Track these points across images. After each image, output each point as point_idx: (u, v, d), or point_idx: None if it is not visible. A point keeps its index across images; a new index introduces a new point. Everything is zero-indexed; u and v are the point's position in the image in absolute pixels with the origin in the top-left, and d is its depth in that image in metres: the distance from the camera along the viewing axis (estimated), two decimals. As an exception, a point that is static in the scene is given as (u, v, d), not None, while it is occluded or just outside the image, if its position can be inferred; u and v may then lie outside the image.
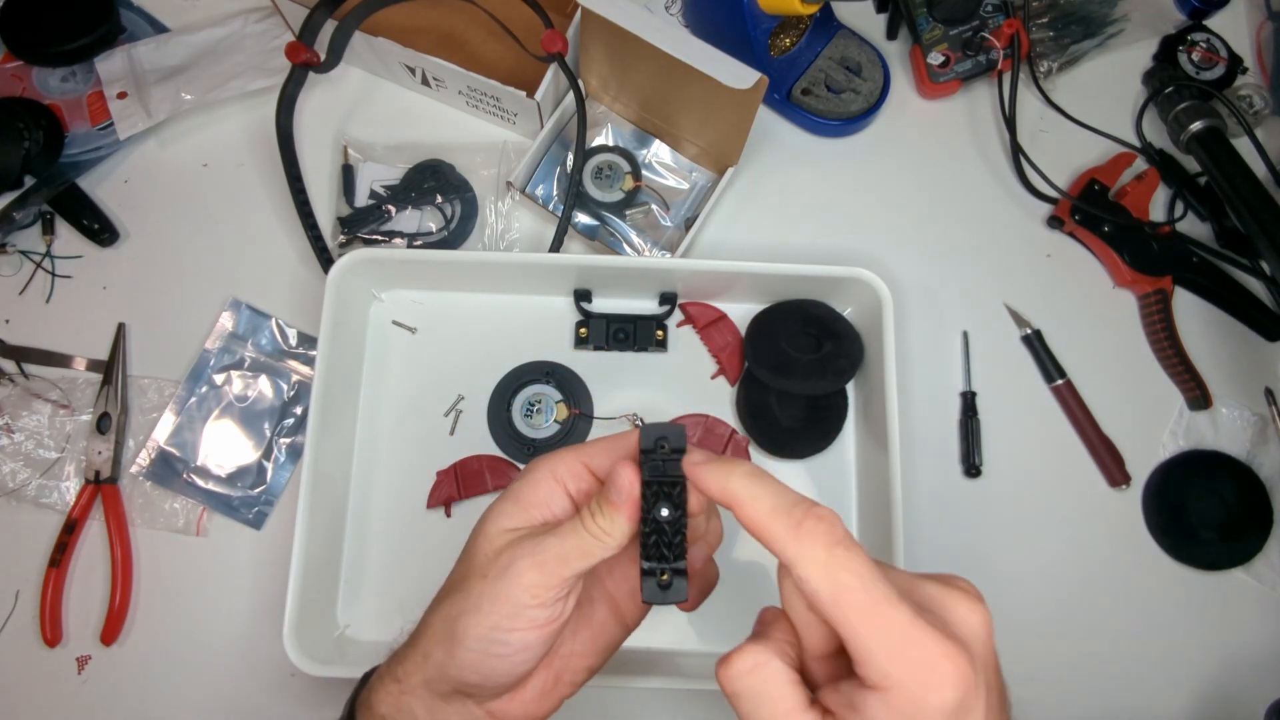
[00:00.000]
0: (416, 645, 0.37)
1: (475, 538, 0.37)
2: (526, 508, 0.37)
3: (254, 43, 0.69)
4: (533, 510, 0.37)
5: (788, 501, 0.30)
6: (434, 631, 0.37)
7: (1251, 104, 0.72)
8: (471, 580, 0.36)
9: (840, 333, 0.61)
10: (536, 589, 0.34)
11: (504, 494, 0.38)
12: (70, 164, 0.66)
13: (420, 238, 0.66)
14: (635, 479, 0.34)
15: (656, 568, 0.34)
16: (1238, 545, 0.62)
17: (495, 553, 0.36)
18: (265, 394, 0.63)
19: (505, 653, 0.35)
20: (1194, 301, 0.68)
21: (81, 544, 0.60)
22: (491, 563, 0.36)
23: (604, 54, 0.63)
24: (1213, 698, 0.61)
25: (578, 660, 0.40)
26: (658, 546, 0.34)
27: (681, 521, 0.34)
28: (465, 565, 0.37)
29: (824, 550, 0.29)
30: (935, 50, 0.69)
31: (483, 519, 0.38)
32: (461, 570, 0.37)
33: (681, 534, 0.34)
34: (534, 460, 0.39)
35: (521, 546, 0.35)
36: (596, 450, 0.38)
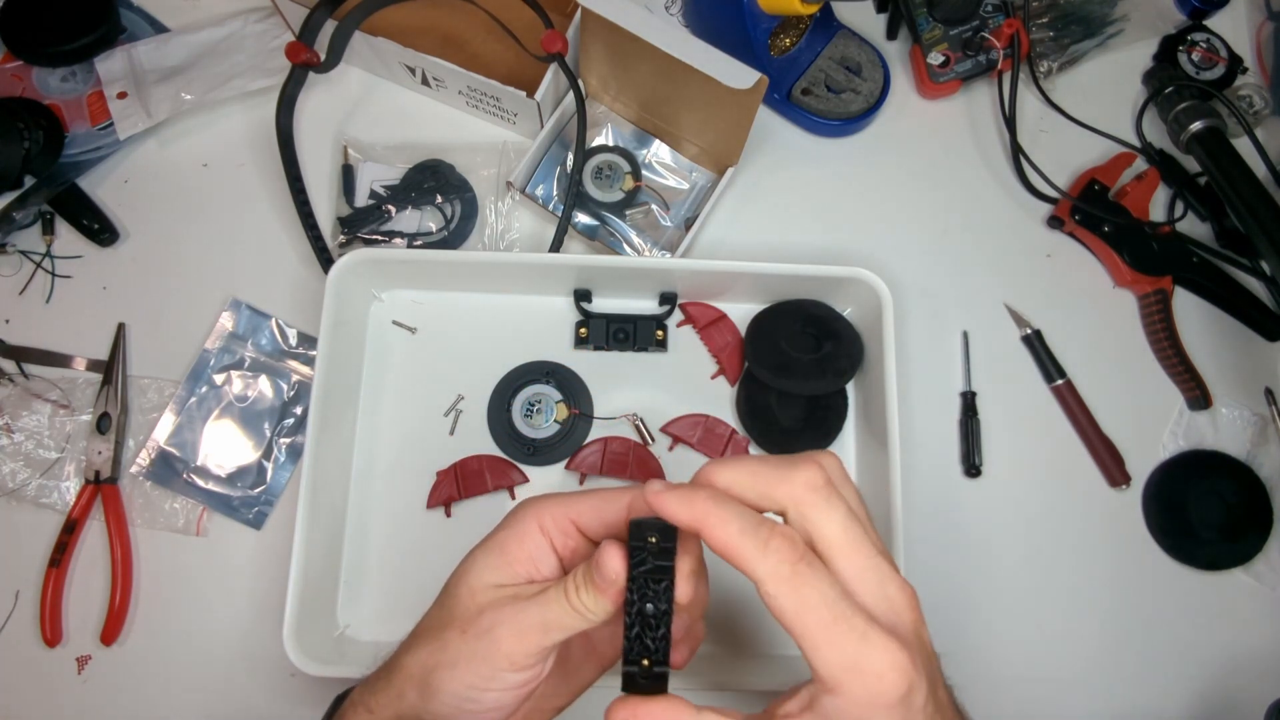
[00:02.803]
0: (391, 682, 0.37)
1: (457, 585, 0.37)
2: (512, 563, 0.36)
3: (254, 43, 0.69)
4: (518, 567, 0.36)
5: (753, 523, 0.31)
6: (410, 675, 0.36)
7: (1251, 104, 0.72)
8: (450, 632, 0.36)
9: (840, 333, 0.61)
10: (515, 657, 0.34)
11: (489, 542, 0.37)
12: (70, 164, 0.66)
13: (420, 238, 0.66)
14: (623, 567, 0.33)
15: (636, 669, 0.32)
16: (1238, 545, 0.62)
17: (478, 609, 0.35)
18: (265, 394, 0.63)
19: (479, 709, 0.35)
20: (1194, 301, 0.68)
21: (81, 544, 0.60)
22: (472, 620, 0.35)
23: (604, 54, 0.63)
24: (1213, 698, 0.61)
25: (549, 701, 0.40)
26: (640, 639, 0.32)
27: (667, 616, 0.33)
28: (444, 613, 0.37)
29: (789, 567, 0.30)
30: (935, 50, 0.69)
31: (466, 566, 0.37)
32: (440, 617, 0.37)
33: (666, 628, 0.32)
34: (521, 506, 0.38)
35: (503, 611, 0.35)
36: (586, 508, 0.37)
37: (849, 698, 0.30)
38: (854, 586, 0.31)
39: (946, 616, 0.61)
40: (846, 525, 0.32)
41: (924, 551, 0.61)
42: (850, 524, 0.32)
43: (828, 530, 0.31)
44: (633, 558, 0.33)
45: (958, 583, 0.61)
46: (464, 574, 0.37)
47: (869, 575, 0.31)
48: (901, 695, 0.30)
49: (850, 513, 0.32)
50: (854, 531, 0.32)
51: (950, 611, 0.61)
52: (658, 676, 0.33)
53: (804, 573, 0.30)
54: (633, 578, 0.33)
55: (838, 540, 0.31)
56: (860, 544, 0.32)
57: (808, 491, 0.32)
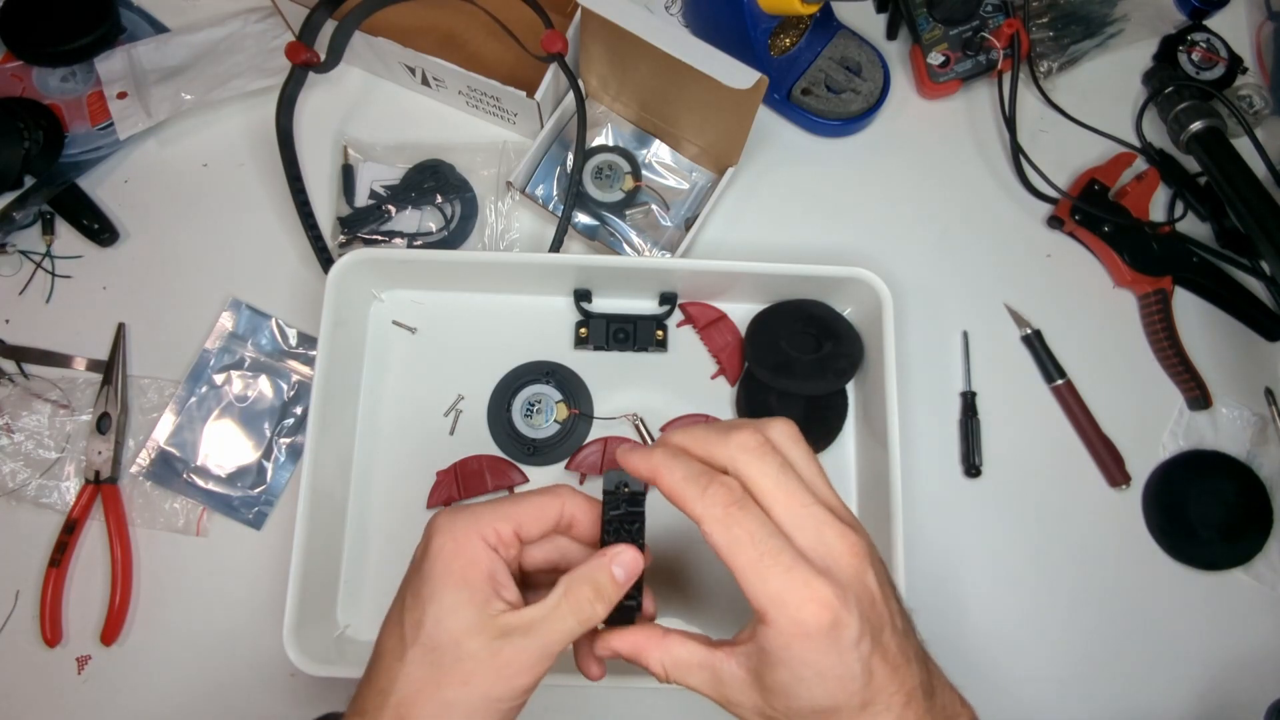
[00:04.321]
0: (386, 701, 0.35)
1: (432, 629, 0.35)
2: (479, 593, 0.36)
3: (254, 43, 0.69)
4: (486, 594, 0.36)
5: (696, 472, 0.35)
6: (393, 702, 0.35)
7: (1251, 104, 0.72)
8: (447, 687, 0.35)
9: (840, 333, 0.61)
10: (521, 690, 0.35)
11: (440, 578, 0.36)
12: (70, 164, 0.66)
13: (420, 238, 0.66)
14: (640, 566, 0.37)
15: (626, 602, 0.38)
16: (1238, 545, 0.62)
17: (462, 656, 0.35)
18: (265, 394, 0.63)
19: None
20: (1194, 301, 0.68)
21: (81, 544, 0.60)
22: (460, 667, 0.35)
23: (604, 54, 0.63)
24: (1213, 698, 0.61)
25: None
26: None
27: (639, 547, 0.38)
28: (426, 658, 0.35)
29: (721, 509, 0.34)
30: (935, 50, 0.69)
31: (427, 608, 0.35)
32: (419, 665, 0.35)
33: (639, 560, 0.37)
34: (446, 527, 0.37)
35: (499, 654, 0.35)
36: (528, 516, 0.38)
37: (776, 627, 0.33)
38: (788, 531, 0.34)
39: (946, 616, 0.61)
40: (779, 477, 0.35)
41: (924, 551, 0.61)
42: (783, 476, 0.35)
43: (761, 482, 0.35)
44: (608, 506, 0.38)
45: (957, 582, 0.61)
46: (434, 615, 0.35)
47: (805, 521, 0.34)
48: (824, 628, 0.32)
49: (784, 466, 0.35)
50: (787, 483, 0.35)
51: (950, 611, 0.61)
52: (632, 609, 0.38)
53: (735, 514, 0.34)
54: (608, 521, 0.38)
55: (769, 490, 0.35)
56: (794, 493, 0.35)
57: (740, 450, 0.35)
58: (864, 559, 0.34)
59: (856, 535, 0.35)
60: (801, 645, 0.33)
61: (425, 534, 0.38)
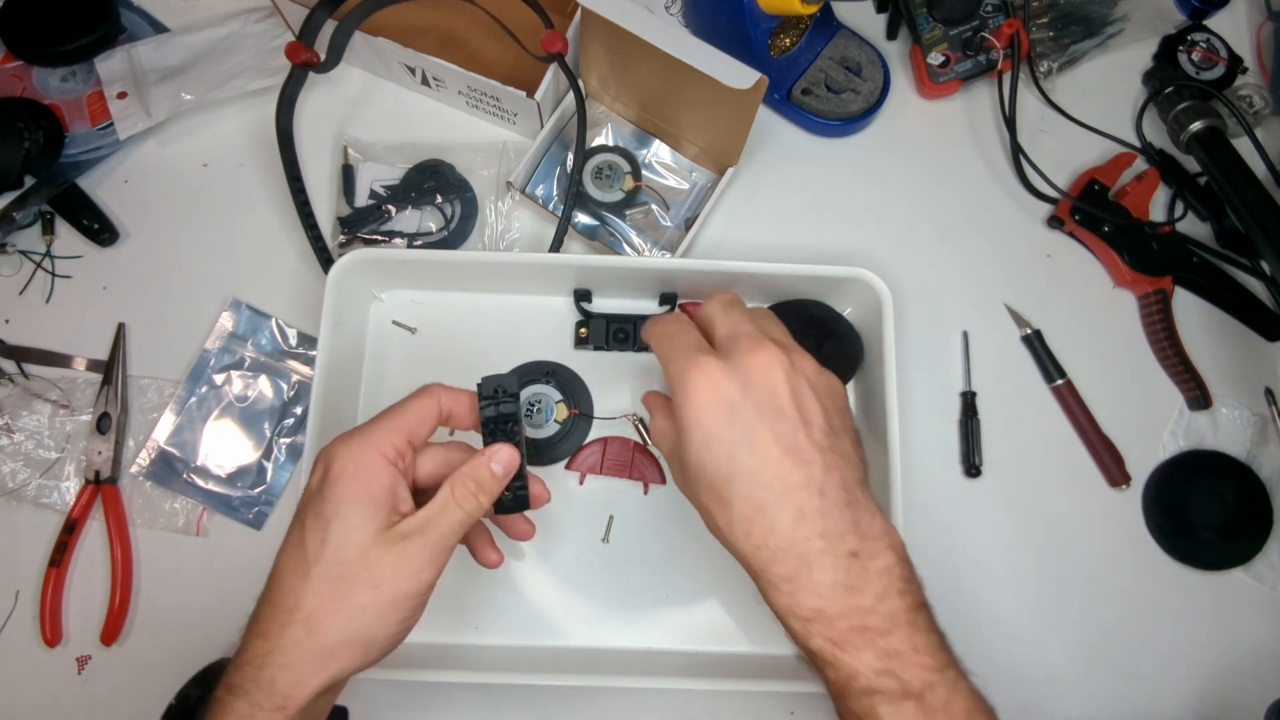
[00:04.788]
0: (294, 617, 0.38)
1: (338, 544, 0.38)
2: (383, 506, 0.40)
3: (254, 43, 0.69)
4: (388, 506, 0.40)
5: (666, 316, 0.47)
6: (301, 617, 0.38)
7: (1251, 104, 0.72)
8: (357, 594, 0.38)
9: (840, 333, 0.61)
10: (421, 591, 0.40)
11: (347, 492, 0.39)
12: (70, 164, 0.66)
13: (420, 238, 0.66)
14: (516, 460, 0.43)
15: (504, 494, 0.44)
16: (1238, 545, 0.62)
17: (367, 564, 0.38)
18: (265, 394, 0.63)
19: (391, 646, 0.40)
20: (1194, 301, 0.68)
21: (81, 544, 0.60)
22: (363, 576, 0.38)
23: (604, 54, 0.63)
24: (1213, 698, 0.61)
25: None
26: None
27: (520, 448, 0.44)
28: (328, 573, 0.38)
29: (662, 328, 0.45)
30: (935, 50, 0.69)
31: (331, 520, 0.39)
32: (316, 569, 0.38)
33: (522, 456, 0.44)
34: (346, 447, 0.40)
35: (400, 557, 0.39)
36: (416, 422, 0.43)
37: (679, 398, 0.41)
38: (717, 341, 0.43)
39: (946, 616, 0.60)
40: (725, 309, 0.44)
41: (924, 551, 0.60)
42: (730, 309, 0.44)
43: (709, 312, 0.45)
44: (484, 408, 0.44)
45: (957, 582, 0.61)
46: (336, 541, 0.38)
47: (729, 331, 0.43)
48: (709, 394, 0.40)
49: (733, 304, 0.45)
50: (728, 311, 0.44)
51: (949, 612, 0.60)
52: (523, 498, 0.45)
53: (671, 329, 0.44)
54: (485, 422, 0.44)
55: (715, 317, 0.44)
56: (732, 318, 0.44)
57: (709, 301, 0.45)
58: (773, 365, 0.40)
59: (775, 348, 0.41)
60: (694, 410, 0.40)
61: (321, 459, 0.41)
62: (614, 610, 0.59)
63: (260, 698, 0.38)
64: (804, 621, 0.39)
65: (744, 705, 0.58)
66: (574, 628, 0.58)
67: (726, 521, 0.40)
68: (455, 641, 0.58)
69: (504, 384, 0.44)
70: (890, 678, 0.38)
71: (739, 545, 0.40)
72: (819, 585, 0.39)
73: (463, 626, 0.58)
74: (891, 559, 0.40)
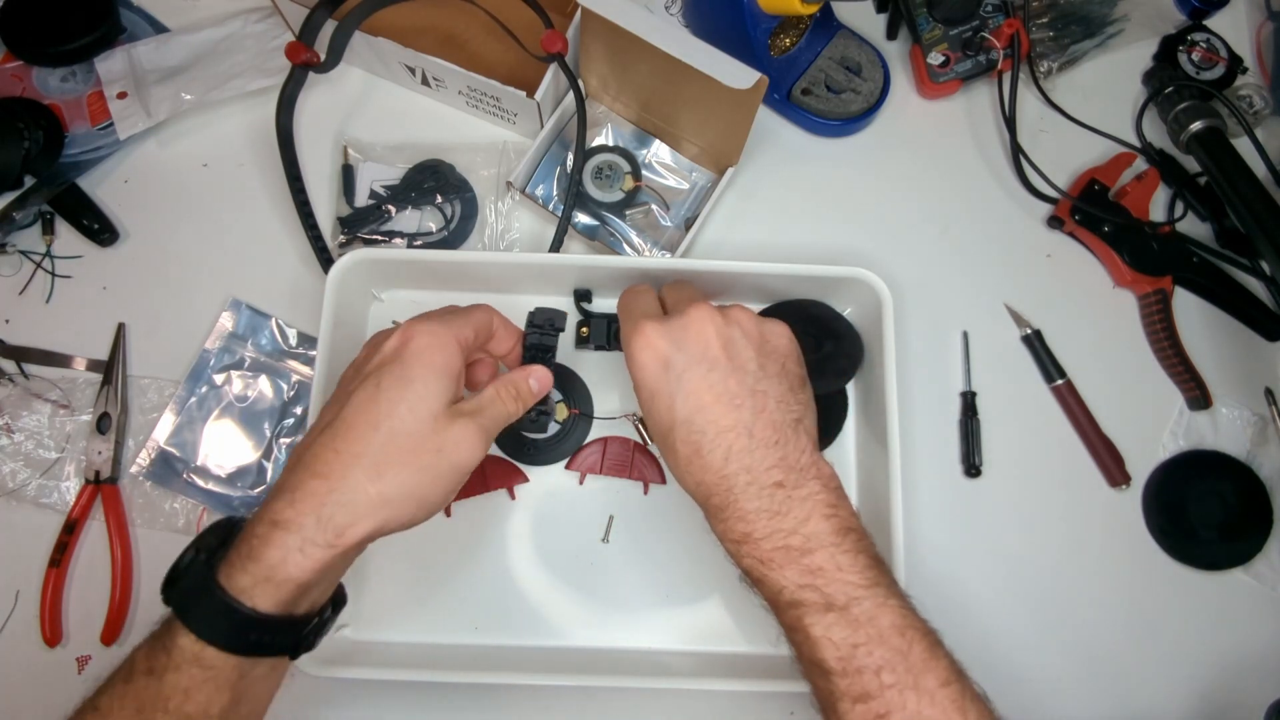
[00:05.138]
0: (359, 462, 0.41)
1: (406, 413, 0.42)
2: (452, 385, 0.44)
3: (254, 43, 0.69)
4: (456, 388, 0.45)
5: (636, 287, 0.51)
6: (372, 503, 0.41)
7: (1251, 104, 0.72)
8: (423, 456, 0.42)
9: (840, 333, 0.61)
10: (473, 462, 0.44)
11: (428, 370, 0.43)
12: (70, 164, 0.66)
13: (420, 238, 0.66)
14: (550, 377, 0.50)
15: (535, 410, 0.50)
16: (1238, 545, 0.62)
17: (437, 430, 0.42)
18: (265, 394, 0.63)
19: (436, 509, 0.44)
20: (1194, 301, 0.68)
21: (81, 544, 0.60)
22: (433, 441, 0.42)
23: (604, 54, 0.63)
24: (1213, 698, 0.61)
25: None
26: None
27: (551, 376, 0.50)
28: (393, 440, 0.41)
29: (623, 295, 0.51)
30: (935, 50, 0.69)
31: (405, 395, 0.42)
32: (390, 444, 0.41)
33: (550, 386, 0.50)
34: (429, 335, 0.44)
35: (463, 429, 0.43)
36: (477, 323, 0.48)
37: (628, 360, 0.46)
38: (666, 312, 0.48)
39: (945, 616, 0.60)
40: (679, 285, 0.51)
41: (924, 551, 0.61)
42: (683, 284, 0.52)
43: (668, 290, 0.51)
44: (529, 335, 0.52)
45: (957, 582, 0.61)
46: (411, 404, 0.42)
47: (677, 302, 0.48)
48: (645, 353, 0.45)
49: (686, 284, 0.52)
50: (683, 285, 0.52)
51: (949, 611, 0.60)
52: (547, 418, 0.52)
53: (629, 299, 0.50)
54: (528, 347, 0.52)
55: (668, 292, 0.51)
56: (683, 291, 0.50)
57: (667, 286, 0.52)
58: (705, 321, 0.45)
59: (708, 307, 0.45)
60: (636, 369, 0.45)
61: (403, 333, 0.44)
62: (614, 610, 0.59)
63: (314, 533, 0.39)
64: (735, 544, 0.44)
65: (744, 705, 0.58)
66: (574, 628, 0.58)
67: (673, 464, 0.45)
68: (455, 641, 0.58)
69: (554, 318, 0.53)
70: (813, 591, 0.41)
71: (685, 483, 0.45)
72: (746, 512, 0.43)
73: (463, 626, 0.58)
74: (819, 487, 0.44)
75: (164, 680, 0.38)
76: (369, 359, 0.45)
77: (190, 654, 0.38)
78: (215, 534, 0.42)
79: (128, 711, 0.38)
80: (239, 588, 0.39)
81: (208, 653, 0.38)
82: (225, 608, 0.38)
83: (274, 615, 0.39)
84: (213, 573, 0.39)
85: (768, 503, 0.43)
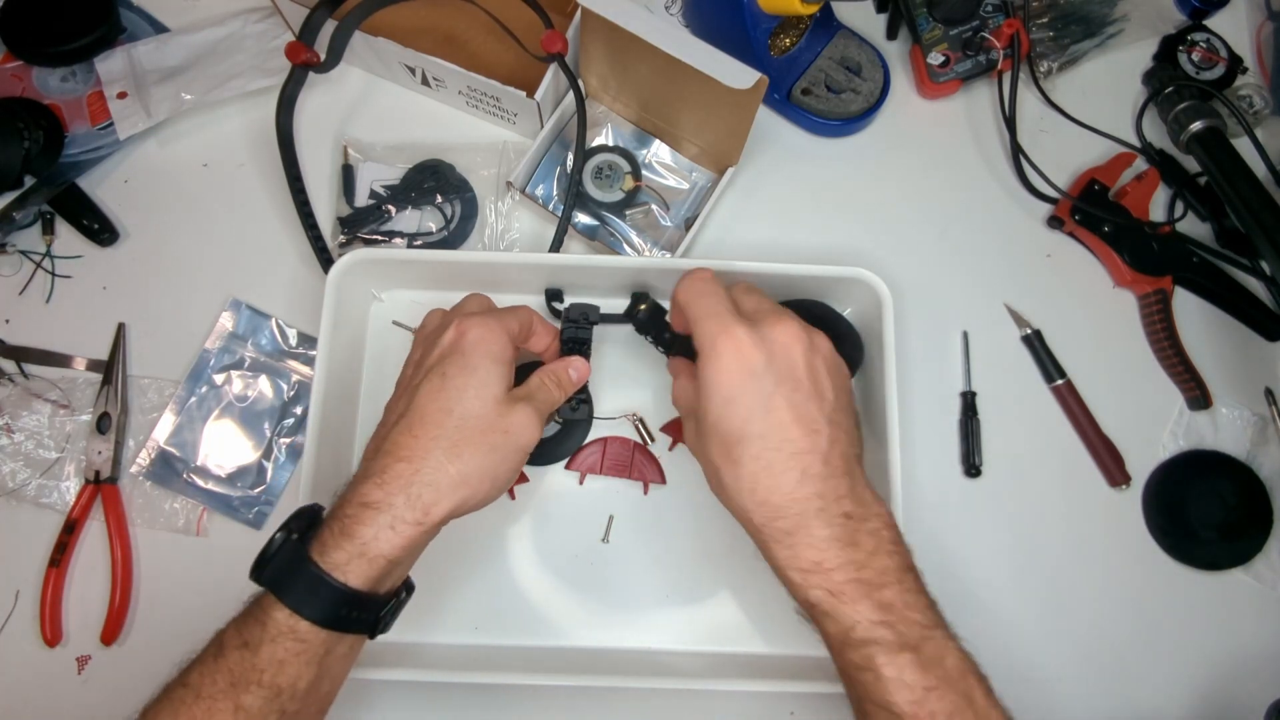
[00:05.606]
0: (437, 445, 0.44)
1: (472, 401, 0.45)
2: (508, 374, 0.47)
3: (254, 43, 0.69)
4: (511, 376, 0.48)
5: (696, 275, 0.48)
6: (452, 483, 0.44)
7: (1251, 104, 0.72)
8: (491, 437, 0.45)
9: (840, 333, 0.60)
10: (533, 442, 0.47)
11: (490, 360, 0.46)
12: (70, 164, 0.66)
13: (420, 238, 0.66)
14: (588, 368, 0.54)
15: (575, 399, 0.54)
16: (1238, 545, 0.62)
17: (501, 414, 0.46)
18: (265, 394, 0.63)
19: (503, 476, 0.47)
20: (1194, 301, 0.68)
21: (81, 544, 0.60)
22: (499, 424, 0.45)
23: (604, 54, 0.63)
24: (1213, 698, 0.61)
25: None
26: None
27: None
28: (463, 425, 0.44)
29: (693, 282, 0.47)
30: (935, 50, 0.69)
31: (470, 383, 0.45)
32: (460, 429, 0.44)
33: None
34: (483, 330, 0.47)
35: (523, 413, 0.47)
36: (522, 318, 0.51)
37: (704, 358, 0.44)
38: (743, 311, 0.46)
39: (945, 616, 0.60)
40: (749, 290, 0.49)
41: (924, 551, 0.60)
42: (751, 290, 0.49)
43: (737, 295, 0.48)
44: (565, 330, 0.56)
45: (957, 583, 0.61)
46: (477, 390, 0.45)
47: (754, 306, 0.47)
48: (735, 358, 0.43)
49: (754, 289, 0.49)
50: (752, 290, 0.49)
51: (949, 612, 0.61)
52: (586, 408, 0.56)
53: (701, 287, 0.47)
54: (565, 341, 0.55)
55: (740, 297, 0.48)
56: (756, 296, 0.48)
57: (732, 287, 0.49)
58: (795, 340, 0.44)
59: (798, 324, 0.45)
60: (719, 372, 0.43)
61: (457, 326, 0.47)
62: (614, 610, 0.59)
63: (403, 511, 0.42)
64: (803, 573, 0.42)
65: (744, 705, 0.58)
66: (574, 628, 0.58)
67: (733, 478, 0.43)
68: (455, 641, 0.58)
69: (588, 312, 0.56)
70: (887, 629, 0.40)
71: (744, 500, 0.43)
72: (817, 539, 0.42)
73: (463, 626, 0.58)
74: (881, 524, 0.43)
75: (259, 653, 0.40)
76: (427, 354, 0.48)
77: (285, 627, 0.40)
78: (301, 519, 0.44)
79: (220, 685, 0.40)
80: (333, 563, 0.41)
81: (301, 626, 0.41)
82: (320, 582, 0.41)
83: (362, 591, 0.42)
84: (306, 550, 0.41)
85: (839, 531, 0.42)
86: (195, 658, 0.42)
